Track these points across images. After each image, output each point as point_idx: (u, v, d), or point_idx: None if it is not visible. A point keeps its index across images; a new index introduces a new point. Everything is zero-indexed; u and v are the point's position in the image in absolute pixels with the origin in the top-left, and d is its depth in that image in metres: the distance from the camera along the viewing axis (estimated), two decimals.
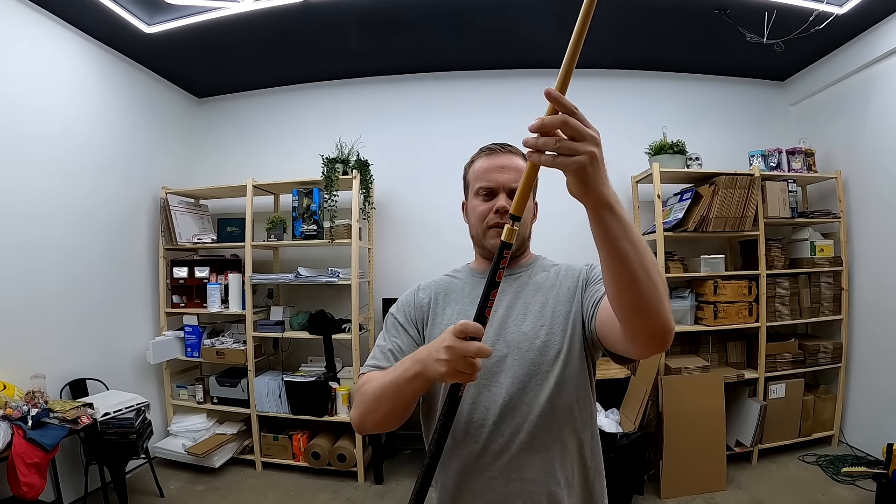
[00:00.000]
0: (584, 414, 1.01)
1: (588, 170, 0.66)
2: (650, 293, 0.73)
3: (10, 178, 2.79)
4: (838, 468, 3.18)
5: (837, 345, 3.56)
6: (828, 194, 3.77)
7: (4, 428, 2.34)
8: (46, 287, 2.99)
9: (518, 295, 1.08)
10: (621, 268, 0.72)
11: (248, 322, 3.62)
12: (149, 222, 3.84)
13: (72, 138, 3.18)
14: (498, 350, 1.01)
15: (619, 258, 0.72)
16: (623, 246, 0.71)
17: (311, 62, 3.86)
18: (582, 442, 1.01)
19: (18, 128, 2.84)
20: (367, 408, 0.94)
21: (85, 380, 3.18)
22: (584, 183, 0.67)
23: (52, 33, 3.05)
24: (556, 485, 0.97)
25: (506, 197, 1.07)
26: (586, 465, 1.02)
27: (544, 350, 1.00)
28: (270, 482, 3.44)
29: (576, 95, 2.96)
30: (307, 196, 3.57)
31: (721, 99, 4.04)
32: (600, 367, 3.44)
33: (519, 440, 0.96)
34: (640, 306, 0.74)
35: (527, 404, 0.97)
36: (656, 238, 3.37)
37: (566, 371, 0.99)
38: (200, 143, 4.39)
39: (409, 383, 0.85)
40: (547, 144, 0.66)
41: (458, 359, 0.76)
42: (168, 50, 3.51)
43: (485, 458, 0.97)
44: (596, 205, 0.70)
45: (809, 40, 3.13)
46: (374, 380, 0.95)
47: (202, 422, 3.75)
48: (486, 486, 0.97)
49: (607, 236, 0.71)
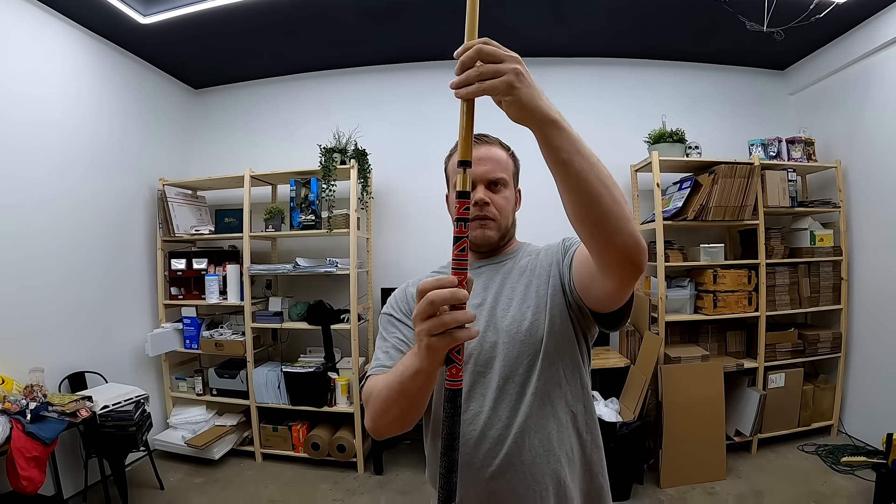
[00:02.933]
0: (573, 387, 1.01)
1: (517, 85, 0.66)
2: (612, 208, 0.72)
3: (3, 168, 2.76)
4: (838, 458, 3.18)
5: (837, 334, 3.56)
6: (827, 184, 3.76)
7: (3, 422, 2.33)
8: (42, 279, 2.97)
9: (504, 281, 1.08)
10: (579, 185, 0.71)
11: (247, 313, 3.61)
12: (146, 214, 3.82)
13: (66, 129, 3.15)
14: (489, 338, 1.01)
15: (575, 175, 0.71)
16: (577, 161, 0.70)
17: (307, 51, 3.83)
18: (575, 415, 1.01)
19: (11, 117, 2.80)
20: (377, 412, 0.90)
21: (83, 373, 3.17)
22: (518, 101, 0.67)
23: (47, 24, 3.02)
24: (558, 463, 0.96)
25: (484, 189, 1.07)
26: (582, 438, 1.01)
27: (532, 330, 0.99)
28: (270, 473, 3.44)
29: (575, 84, 3.00)
30: (305, 186, 3.55)
31: (721, 87, 4.02)
32: (600, 356, 3.47)
33: (516, 423, 0.96)
34: (604, 222, 0.73)
35: (520, 385, 0.97)
36: (656, 227, 3.36)
37: (552, 346, 0.98)
38: (197, 133, 4.36)
39: (412, 381, 0.79)
40: (469, 76, 0.66)
41: (435, 324, 0.67)
42: (163, 41, 3.48)
43: (483, 446, 0.97)
44: (540, 122, 0.69)
45: (809, 29, 3.10)
46: (378, 383, 0.91)
47: (201, 414, 3.74)
48: (490, 476, 0.96)
49: (559, 153, 0.70)
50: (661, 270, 3.32)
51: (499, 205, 1.08)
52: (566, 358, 1.00)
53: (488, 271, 1.12)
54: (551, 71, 3.94)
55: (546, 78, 3.88)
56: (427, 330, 0.67)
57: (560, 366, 0.99)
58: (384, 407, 0.88)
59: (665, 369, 3.13)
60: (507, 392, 0.97)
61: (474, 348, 1.01)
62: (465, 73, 0.67)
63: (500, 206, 1.08)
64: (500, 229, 1.10)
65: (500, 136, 1.13)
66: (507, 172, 1.10)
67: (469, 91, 0.67)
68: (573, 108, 3.85)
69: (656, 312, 3.34)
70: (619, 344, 3.69)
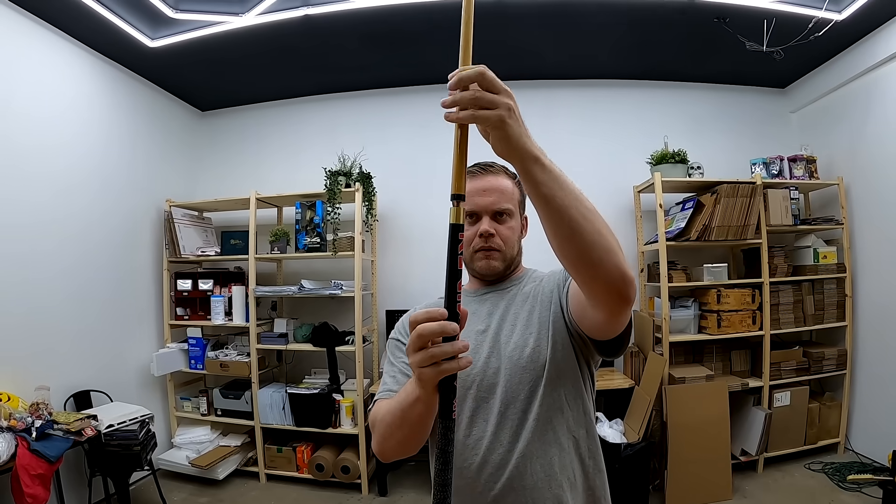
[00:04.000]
0: (576, 412, 1.01)
1: (508, 122, 0.67)
2: (596, 240, 0.73)
3: (13, 189, 2.81)
4: (844, 476, 3.17)
5: (842, 351, 3.55)
6: (830, 201, 3.77)
7: (9, 439, 2.35)
8: (50, 298, 3.01)
9: (508, 308, 1.09)
10: (561, 219, 0.72)
11: (252, 334, 3.63)
12: (153, 235, 3.87)
13: (74, 151, 3.21)
14: (492, 364, 1.02)
15: (556, 210, 0.72)
16: (559, 196, 0.71)
17: (312, 75, 3.89)
18: (577, 440, 1.01)
19: (21, 140, 2.86)
20: (382, 436, 0.93)
21: (89, 391, 3.19)
22: (506, 137, 0.68)
23: (57, 47, 3.09)
24: (560, 488, 0.97)
25: (489, 220, 1.08)
26: (585, 464, 1.02)
27: (535, 357, 1.00)
28: (274, 494, 3.44)
29: (577, 105, 3.02)
30: (310, 209, 3.59)
31: (723, 107, 4.05)
32: (604, 378, 3.46)
33: (518, 448, 0.97)
34: (587, 256, 0.74)
35: (522, 411, 0.98)
36: (659, 248, 3.37)
37: (554, 372, 0.99)
38: (204, 155, 4.42)
39: (412, 408, 0.82)
40: (464, 97, 0.66)
41: (424, 357, 0.68)
42: (171, 64, 3.55)
43: (486, 471, 0.98)
44: (523, 159, 0.70)
45: (810, 47, 3.15)
46: (383, 407, 0.94)
47: (206, 434, 3.75)
48: (492, 500, 0.97)
49: (540, 188, 0.71)
50: (665, 291, 3.32)
51: (504, 235, 1.10)
52: (568, 384, 1.01)
53: (493, 298, 1.13)
54: (554, 92, 3.99)
55: (549, 98, 3.98)
56: (417, 362, 0.69)
57: (562, 392, 1.00)
58: (388, 432, 0.91)
59: (670, 390, 3.13)
60: (509, 417, 0.98)
61: (477, 374, 1.02)
62: (460, 95, 0.66)
63: (505, 236, 1.10)
64: (505, 260, 1.11)
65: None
66: (512, 202, 1.11)
67: (462, 116, 0.66)
68: (576, 128, 3.97)
69: (660, 333, 3.34)
70: (624, 365, 3.69)
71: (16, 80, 2.84)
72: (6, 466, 2.32)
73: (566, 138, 3.93)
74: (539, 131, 3.29)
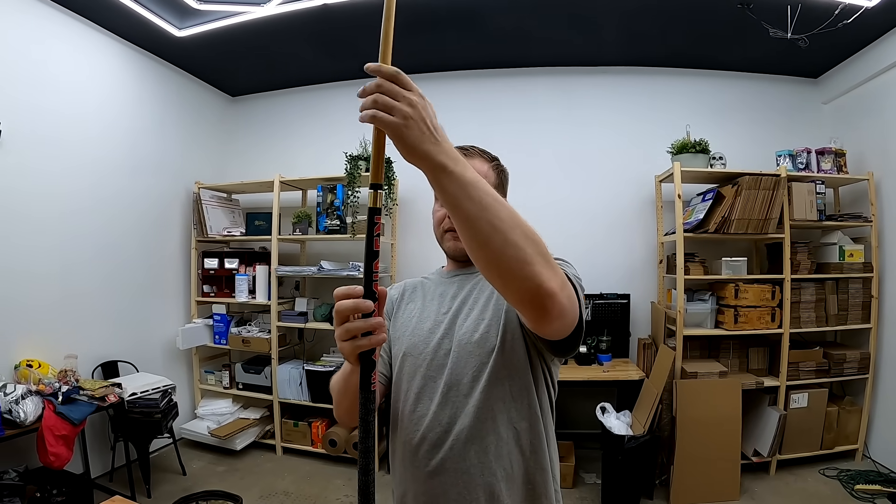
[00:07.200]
0: (520, 404, 1.01)
1: (403, 131, 0.66)
2: (505, 252, 0.71)
3: (55, 178, 3.02)
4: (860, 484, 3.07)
5: (865, 355, 3.42)
6: (859, 197, 3.62)
7: (36, 402, 2.54)
8: (86, 277, 3.22)
9: (471, 292, 1.11)
10: (469, 229, 0.71)
11: (273, 312, 3.77)
12: (182, 215, 4.05)
13: (111, 139, 3.40)
14: (444, 345, 1.05)
15: (464, 220, 0.71)
16: (465, 206, 0.70)
17: (336, 62, 3.96)
18: (518, 432, 1.01)
19: (63, 136, 3.07)
20: (335, 403, 1.02)
21: (116, 362, 3.39)
22: (403, 144, 0.67)
23: (90, 38, 3.26)
24: (493, 476, 0.98)
25: None
26: (525, 457, 1.01)
27: (482, 343, 1.02)
28: (288, 466, 3.58)
29: (597, 93, 3.04)
30: (331, 192, 3.68)
31: (749, 96, 3.94)
32: (617, 368, 3.45)
33: (455, 430, 0.99)
34: (496, 266, 0.73)
35: (463, 395, 1.00)
36: (676, 239, 3.32)
37: (501, 361, 1.00)
38: (234, 139, 4.58)
39: (350, 378, 0.89)
40: (365, 103, 0.67)
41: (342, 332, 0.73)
42: (199, 51, 3.69)
43: (423, 447, 1.00)
44: (429, 167, 0.69)
45: (842, 35, 3.02)
46: (335, 377, 1.02)
47: (227, 406, 3.92)
48: (427, 476, 1.00)
49: (447, 198, 0.70)
50: (681, 283, 3.27)
51: None
52: (515, 375, 1.01)
53: (460, 281, 1.16)
54: (575, 80, 3.96)
55: (570, 87, 3.96)
56: (338, 335, 0.75)
57: (507, 384, 1.01)
58: (337, 399, 1.01)
59: (681, 384, 3.09)
60: (450, 399, 1.01)
61: (430, 353, 1.05)
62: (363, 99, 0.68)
63: None
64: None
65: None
66: None
67: (362, 116, 0.67)
68: (596, 116, 3.94)
69: (674, 325, 3.30)
70: (637, 356, 3.66)
71: (58, 78, 3.03)
72: (33, 426, 2.50)
73: (586, 126, 3.92)
74: (559, 119, 3.27)
